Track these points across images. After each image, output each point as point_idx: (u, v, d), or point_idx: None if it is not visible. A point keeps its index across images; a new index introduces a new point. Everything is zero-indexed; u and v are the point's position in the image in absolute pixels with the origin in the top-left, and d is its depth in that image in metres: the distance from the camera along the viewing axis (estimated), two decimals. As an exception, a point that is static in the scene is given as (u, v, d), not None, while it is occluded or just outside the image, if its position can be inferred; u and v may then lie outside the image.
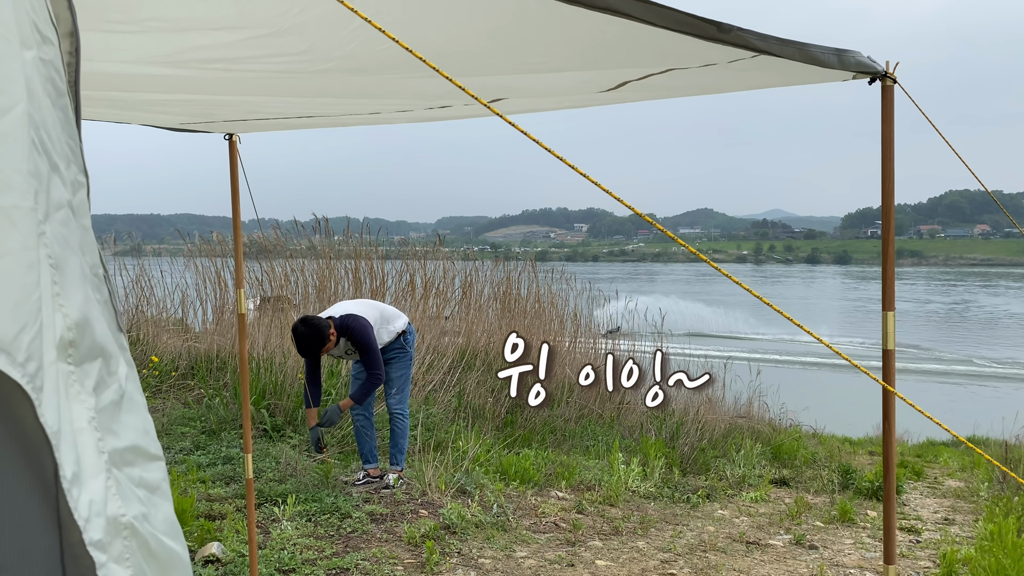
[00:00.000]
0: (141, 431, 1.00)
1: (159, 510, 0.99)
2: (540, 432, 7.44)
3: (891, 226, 2.47)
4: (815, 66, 2.34)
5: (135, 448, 0.96)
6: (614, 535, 5.15)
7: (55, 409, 0.82)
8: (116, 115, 3.53)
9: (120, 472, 0.92)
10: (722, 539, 5.25)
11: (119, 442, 0.93)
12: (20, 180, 0.83)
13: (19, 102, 0.83)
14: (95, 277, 0.99)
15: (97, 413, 0.90)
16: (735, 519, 5.83)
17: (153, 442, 1.02)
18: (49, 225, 0.86)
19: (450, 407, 7.46)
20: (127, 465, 0.95)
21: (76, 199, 0.97)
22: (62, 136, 0.96)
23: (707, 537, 5.25)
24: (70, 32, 1.04)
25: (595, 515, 5.52)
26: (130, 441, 0.96)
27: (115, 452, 0.92)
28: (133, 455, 0.97)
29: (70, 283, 0.87)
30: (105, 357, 0.95)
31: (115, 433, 0.93)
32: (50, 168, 0.89)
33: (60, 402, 0.84)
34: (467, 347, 8.67)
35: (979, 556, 4.54)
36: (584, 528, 5.18)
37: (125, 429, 0.96)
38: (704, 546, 5.06)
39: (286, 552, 4.29)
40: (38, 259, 0.82)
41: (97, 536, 0.85)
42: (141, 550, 0.92)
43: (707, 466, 7.27)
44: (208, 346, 8.19)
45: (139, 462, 0.97)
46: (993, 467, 7.40)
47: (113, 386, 0.94)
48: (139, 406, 1.03)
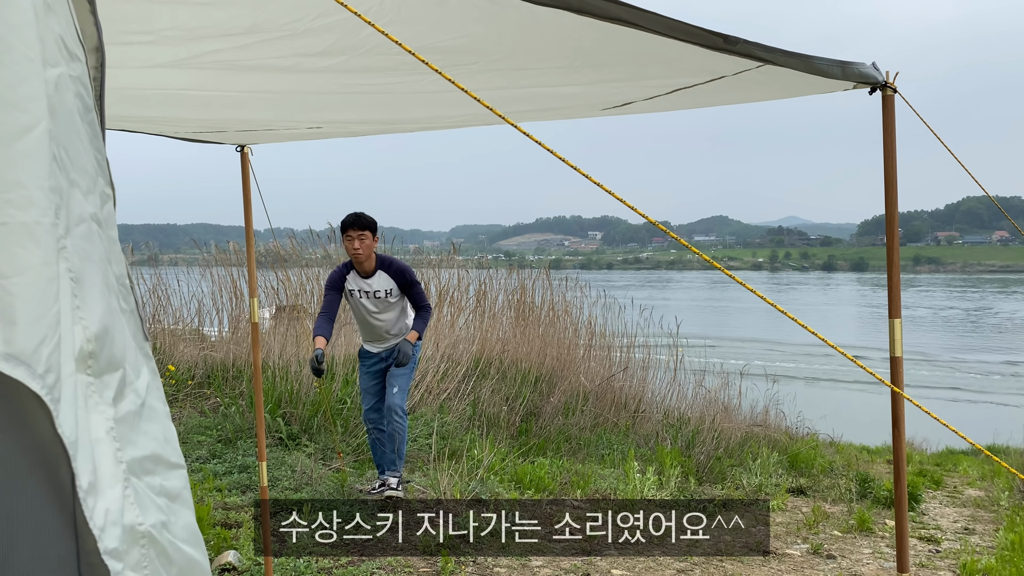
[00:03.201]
0: (161, 440, 1.01)
1: (179, 518, 1.00)
2: (555, 440, 7.43)
3: (895, 234, 2.47)
4: (817, 77, 2.36)
5: (155, 457, 0.98)
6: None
7: (73, 420, 0.84)
8: (132, 125, 3.58)
9: (139, 481, 0.94)
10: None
11: (138, 451, 0.94)
12: (41, 196, 0.85)
13: (41, 120, 0.85)
14: (122, 287, 1.01)
15: (116, 423, 0.91)
16: (752, 528, 5.79)
17: (174, 451, 1.04)
18: (70, 239, 0.88)
19: (464, 415, 7.46)
20: (147, 474, 0.96)
21: (103, 211, 1.00)
22: (89, 150, 0.98)
23: (723, 547, 5.21)
24: (96, 47, 1.06)
25: (611, 524, 5.50)
26: (150, 450, 0.97)
27: (134, 461, 0.93)
28: (153, 464, 0.98)
29: (90, 296, 0.89)
30: (126, 368, 0.96)
31: (134, 443, 0.94)
32: (70, 183, 0.91)
33: (78, 413, 0.86)
34: (481, 355, 8.67)
35: (999, 566, 4.49)
36: (599, 537, 5.16)
37: (144, 438, 0.97)
38: (720, 555, 5.03)
39: (301, 561, 4.30)
40: (58, 273, 0.84)
41: (112, 545, 0.86)
42: (160, 558, 0.93)
43: (723, 475, 7.23)
44: (224, 355, 8.24)
45: (159, 471, 0.99)
46: (1014, 476, 7.31)
47: (132, 396, 0.96)
48: (160, 415, 1.04)
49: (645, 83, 2.72)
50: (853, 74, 2.43)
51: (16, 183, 0.83)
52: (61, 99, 0.91)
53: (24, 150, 0.85)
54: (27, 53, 0.87)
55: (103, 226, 0.97)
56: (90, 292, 0.91)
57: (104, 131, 1.07)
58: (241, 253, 9.79)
